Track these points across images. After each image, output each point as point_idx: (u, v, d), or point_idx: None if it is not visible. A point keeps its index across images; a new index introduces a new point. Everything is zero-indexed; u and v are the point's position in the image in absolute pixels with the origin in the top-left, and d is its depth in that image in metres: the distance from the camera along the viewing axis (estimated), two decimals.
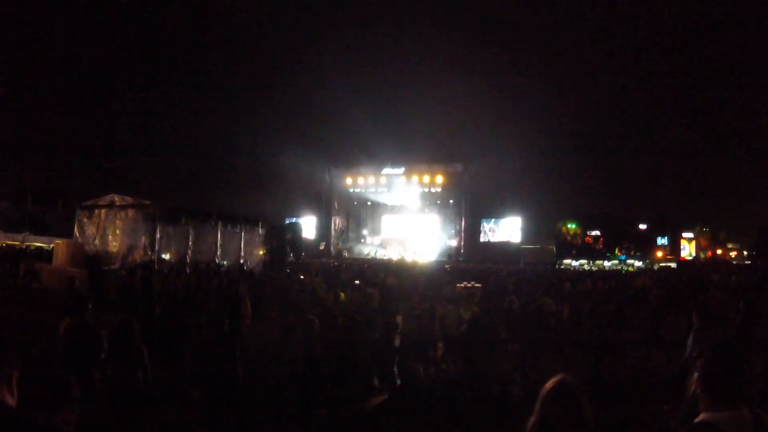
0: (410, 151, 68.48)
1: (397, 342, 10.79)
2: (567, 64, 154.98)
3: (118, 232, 25.16)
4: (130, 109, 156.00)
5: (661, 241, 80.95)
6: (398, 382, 9.97)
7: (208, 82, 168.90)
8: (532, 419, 2.57)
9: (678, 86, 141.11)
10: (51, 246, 30.22)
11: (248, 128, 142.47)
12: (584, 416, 2.53)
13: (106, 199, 26.24)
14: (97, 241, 25.65)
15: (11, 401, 1.85)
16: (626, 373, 10.78)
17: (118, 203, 25.66)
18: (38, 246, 42.31)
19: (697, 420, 2.39)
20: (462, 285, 16.23)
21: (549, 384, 2.61)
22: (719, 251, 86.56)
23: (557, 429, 2.47)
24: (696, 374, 2.51)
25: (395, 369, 10.44)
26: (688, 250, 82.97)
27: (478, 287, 16.35)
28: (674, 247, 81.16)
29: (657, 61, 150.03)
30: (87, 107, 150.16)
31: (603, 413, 6.78)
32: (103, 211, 25.99)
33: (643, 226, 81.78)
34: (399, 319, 11.44)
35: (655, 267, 61.74)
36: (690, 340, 8.06)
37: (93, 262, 21.58)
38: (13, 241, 50.54)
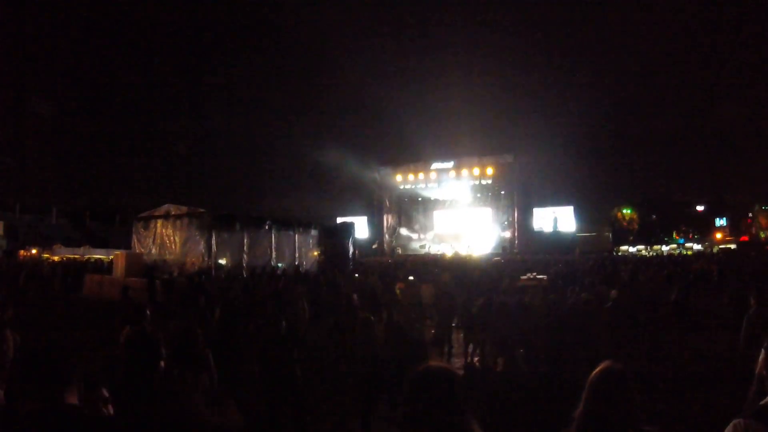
0: (459, 144, 67.92)
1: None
2: (618, 45, 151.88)
3: (174, 240, 25.58)
4: (179, 119, 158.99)
5: (720, 222, 78.63)
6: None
7: (255, 86, 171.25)
8: (580, 408, 2.52)
9: (730, 64, 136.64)
10: (110, 258, 30.91)
11: (296, 131, 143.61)
12: (631, 403, 2.47)
13: (162, 209, 26.74)
14: (154, 251, 26.13)
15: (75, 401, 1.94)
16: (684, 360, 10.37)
17: (173, 213, 26.12)
18: (98, 258, 43.48)
19: (762, 403, 2.30)
20: (525, 277, 15.84)
21: (597, 371, 2.55)
22: None
23: (606, 417, 2.40)
24: (762, 357, 2.33)
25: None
26: (748, 229, 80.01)
27: (542, 278, 15.90)
28: (734, 228, 78.51)
29: (710, 38, 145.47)
30: (137, 122, 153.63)
31: (661, 400, 6.43)
32: (159, 221, 26.51)
33: (700, 208, 79.55)
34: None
35: (715, 249, 59.85)
36: (744, 325, 7.67)
37: (151, 271, 21.90)
38: (74, 255, 52.12)
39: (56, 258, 49.47)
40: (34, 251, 57.68)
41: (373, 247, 62.39)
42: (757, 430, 2.05)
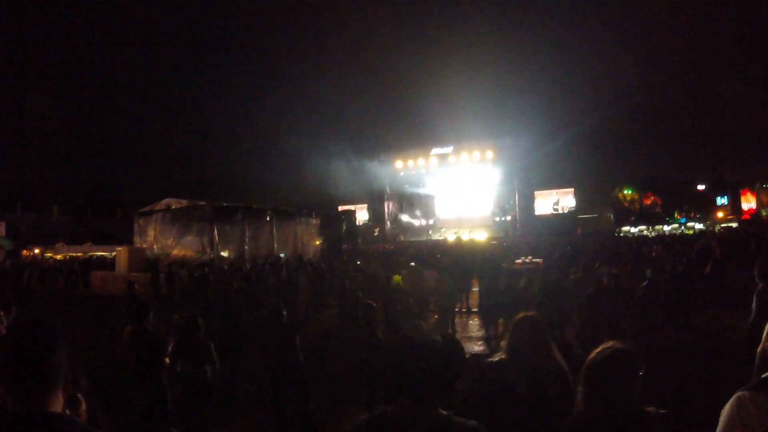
0: (458, 129, 67.66)
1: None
2: (618, 25, 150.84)
3: (176, 234, 25.60)
4: (178, 113, 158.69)
5: (721, 200, 78.36)
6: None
7: (255, 76, 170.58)
8: (581, 389, 2.51)
9: (731, 41, 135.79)
10: (113, 254, 30.97)
11: (294, 121, 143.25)
12: (633, 384, 2.44)
13: (162, 203, 26.74)
14: (156, 245, 26.16)
15: (58, 408, 1.70)
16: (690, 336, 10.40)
17: (174, 206, 26.09)
18: (101, 255, 43.54)
19: (765, 375, 2.18)
20: (520, 261, 15.70)
21: (598, 352, 2.52)
22: None
23: (608, 398, 2.39)
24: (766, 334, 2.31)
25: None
26: (748, 207, 79.71)
27: (537, 262, 15.76)
28: (735, 207, 78.28)
29: (712, 14, 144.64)
30: (136, 117, 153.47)
31: (666, 376, 6.45)
32: (160, 215, 26.48)
33: (701, 187, 79.32)
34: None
35: (717, 228, 59.80)
36: (754, 303, 7.65)
37: (154, 265, 21.94)
38: (77, 252, 52.21)
39: (59, 256, 49.59)
40: (36, 250, 57.80)
41: (375, 234, 62.42)
42: (762, 402, 2.02)
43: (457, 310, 13.52)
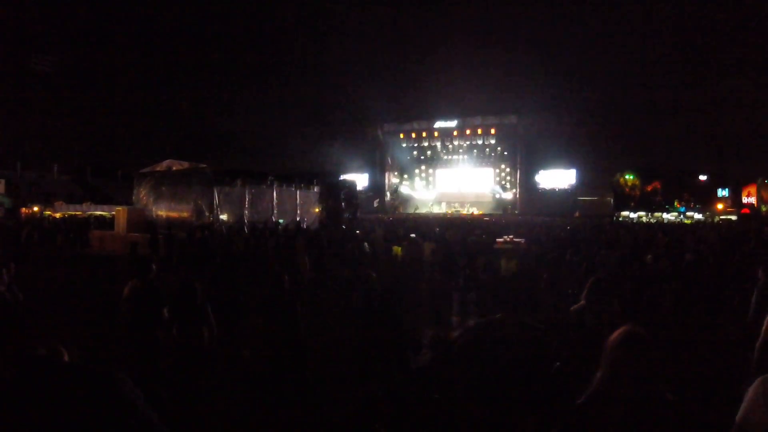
0: (463, 104, 67.53)
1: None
2: (625, 12, 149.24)
3: (176, 196, 25.52)
4: (181, 75, 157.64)
5: (722, 193, 78.59)
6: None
7: (259, 41, 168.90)
8: (599, 373, 2.44)
9: (738, 34, 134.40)
10: (112, 214, 30.88)
11: (300, 87, 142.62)
12: (653, 369, 2.38)
13: (163, 164, 26.62)
14: (155, 206, 26.08)
15: (65, 355, 1.80)
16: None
17: (174, 168, 25.97)
18: (100, 215, 43.48)
19: None
20: (501, 240, 15.57)
21: (617, 335, 2.46)
22: None
23: (627, 381, 2.32)
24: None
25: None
26: (749, 202, 79.79)
27: (519, 242, 15.59)
28: (735, 200, 78.45)
29: (715, 8, 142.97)
30: (137, 76, 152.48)
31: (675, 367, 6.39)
32: (160, 176, 26.39)
33: (703, 178, 79.39)
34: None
35: (716, 219, 59.90)
36: (754, 298, 7.64)
37: (153, 226, 21.86)
38: (75, 211, 52.15)
39: (58, 215, 49.49)
40: (35, 208, 57.69)
41: (375, 205, 62.45)
42: None
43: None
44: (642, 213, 71.58)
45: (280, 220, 26.47)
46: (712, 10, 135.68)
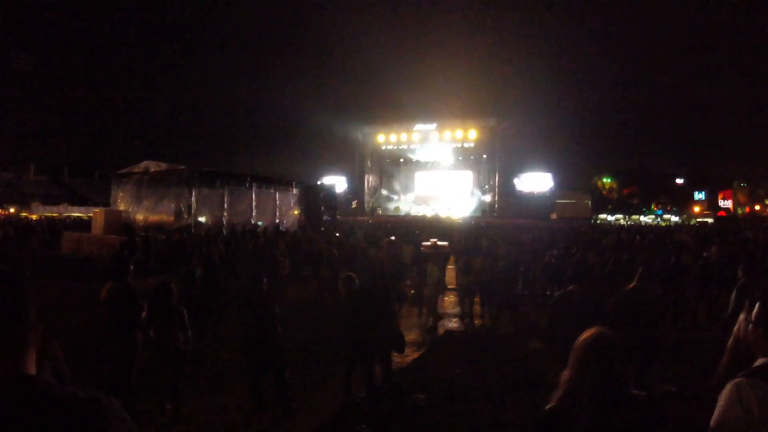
0: (442, 106, 67.76)
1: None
2: (603, 16, 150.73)
3: (154, 197, 25.37)
4: (159, 76, 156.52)
5: (699, 195, 79.79)
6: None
7: (240, 43, 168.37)
8: (566, 372, 2.47)
9: (716, 39, 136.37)
10: (89, 215, 30.61)
11: (279, 89, 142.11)
12: (621, 370, 2.47)
13: (141, 166, 26.44)
14: (133, 208, 25.92)
15: (33, 370, 1.45)
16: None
17: (152, 170, 25.82)
18: (77, 216, 43.05)
19: (757, 364, 2.25)
20: (427, 243, 15.48)
21: (585, 337, 2.49)
22: (757, 207, 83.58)
23: (593, 383, 2.36)
24: (750, 323, 2.32)
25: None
26: (725, 205, 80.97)
27: (443, 245, 15.56)
28: (712, 203, 79.64)
29: (695, 13, 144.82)
30: (116, 77, 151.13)
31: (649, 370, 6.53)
32: (138, 178, 26.22)
33: (680, 181, 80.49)
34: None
35: (692, 222, 60.73)
36: (733, 296, 7.80)
37: (131, 228, 21.71)
38: (52, 213, 51.58)
39: (35, 216, 48.90)
40: (11, 210, 56.95)
41: (353, 206, 62.47)
42: (761, 387, 2.08)
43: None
44: (620, 216, 72.31)
45: (259, 222, 26.44)
46: (690, 16, 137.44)
